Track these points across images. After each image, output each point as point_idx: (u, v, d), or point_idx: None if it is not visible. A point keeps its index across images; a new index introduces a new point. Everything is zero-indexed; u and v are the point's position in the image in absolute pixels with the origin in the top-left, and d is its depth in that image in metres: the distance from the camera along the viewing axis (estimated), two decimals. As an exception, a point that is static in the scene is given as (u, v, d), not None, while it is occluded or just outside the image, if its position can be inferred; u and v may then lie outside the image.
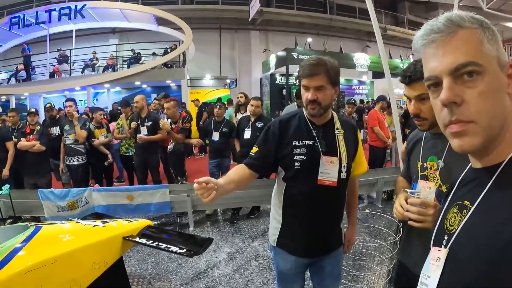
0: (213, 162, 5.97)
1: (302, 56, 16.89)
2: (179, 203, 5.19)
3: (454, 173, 1.61)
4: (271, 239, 2.25)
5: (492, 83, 0.77)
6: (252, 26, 20.70)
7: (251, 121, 5.55)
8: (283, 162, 2.10)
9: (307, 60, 2.02)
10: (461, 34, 0.79)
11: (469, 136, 0.78)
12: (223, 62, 20.81)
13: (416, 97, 1.71)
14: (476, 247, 0.76)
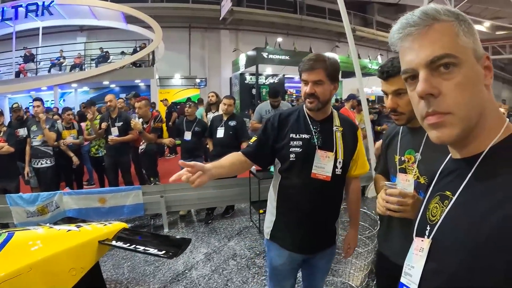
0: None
1: (272, 55, 16.93)
2: (153, 205, 5.09)
3: (432, 165, 1.65)
4: (265, 232, 2.28)
5: (469, 74, 0.79)
6: (222, 25, 20.62)
7: (223, 120, 5.52)
8: (279, 154, 2.15)
9: (307, 56, 2.09)
10: (437, 27, 0.80)
11: (446, 127, 0.80)
12: (193, 61, 20.60)
13: (393, 92, 1.76)
14: (459, 237, 0.77)
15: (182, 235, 5.00)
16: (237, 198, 5.66)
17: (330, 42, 24.22)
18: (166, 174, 7.65)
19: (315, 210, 2.11)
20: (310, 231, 2.14)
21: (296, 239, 2.14)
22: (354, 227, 2.40)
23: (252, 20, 21.00)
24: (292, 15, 22.04)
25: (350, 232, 2.39)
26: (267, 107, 5.87)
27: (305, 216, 2.11)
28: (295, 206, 2.12)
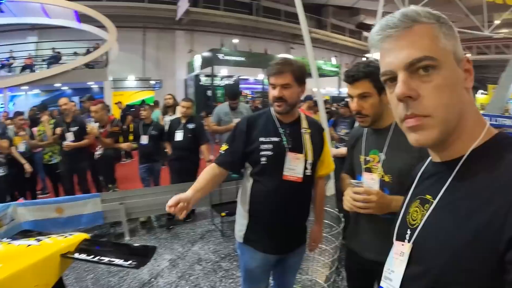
0: (143, 167, 5.80)
1: (227, 57, 16.96)
2: (112, 212, 4.88)
3: (395, 164, 1.88)
4: (237, 236, 2.27)
5: (448, 77, 0.78)
6: (177, 26, 20.38)
7: (182, 122, 5.43)
8: (250, 158, 2.18)
9: (275, 60, 2.12)
10: (417, 28, 0.80)
11: (425, 130, 0.80)
12: (147, 62, 20.17)
13: (359, 95, 1.85)
14: (442, 240, 0.77)
15: (144, 242, 4.87)
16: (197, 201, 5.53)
17: (285, 43, 24.60)
18: (124, 179, 7.48)
19: (288, 211, 2.16)
20: (284, 231, 2.19)
21: (270, 240, 2.17)
22: (318, 223, 2.48)
23: (208, 21, 20.89)
24: (248, 16, 22.18)
25: (315, 228, 2.46)
26: (226, 109, 5.81)
27: (279, 218, 2.15)
28: (268, 208, 2.14)
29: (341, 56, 28.11)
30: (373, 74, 1.81)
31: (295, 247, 2.30)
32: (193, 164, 5.56)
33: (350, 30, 29.10)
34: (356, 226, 2.06)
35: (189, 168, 5.51)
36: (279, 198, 2.13)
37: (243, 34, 22.53)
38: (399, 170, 1.86)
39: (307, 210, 2.32)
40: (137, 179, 6.17)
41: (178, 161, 5.46)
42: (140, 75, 19.10)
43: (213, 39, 20.13)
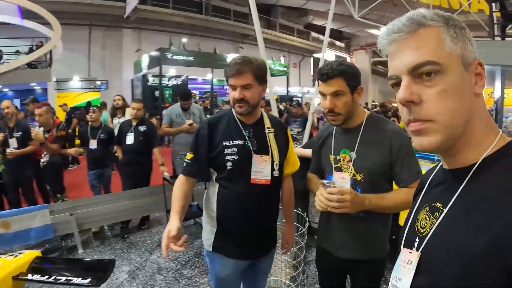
0: (92, 173, 5.53)
1: (176, 56, 16.63)
2: (63, 224, 4.57)
3: (366, 163, 1.91)
4: (206, 244, 2.20)
5: (453, 82, 0.77)
6: (125, 24, 19.65)
7: (133, 125, 5.24)
8: (214, 163, 2.11)
9: (233, 59, 2.05)
10: (422, 32, 0.79)
11: (428, 134, 0.79)
12: (93, 62, 19.27)
13: (332, 93, 1.86)
14: (451, 251, 0.75)
15: (99, 254, 4.62)
16: (152, 207, 5.41)
17: (234, 43, 24.58)
18: (72, 187, 7.08)
19: (258, 215, 2.12)
20: (255, 236, 2.15)
21: (242, 246, 2.13)
22: (289, 223, 2.47)
23: (157, 19, 20.40)
24: (198, 15, 21.83)
25: (286, 229, 2.45)
26: (177, 110, 5.68)
27: (249, 223, 2.12)
28: (237, 214, 2.10)
29: (289, 56, 28.49)
30: (346, 73, 1.84)
31: (267, 250, 2.28)
32: (145, 168, 5.40)
33: (298, 30, 29.48)
34: (328, 226, 2.08)
35: (142, 173, 5.35)
36: (248, 203, 2.08)
37: (192, 34, 22.25)
38: (370, 169, 1.90)
39: (277, 212, 2.30)
40: (86, 187, 5.90)
41: (129, 166, 5.27)
42: (85, 75, 18.20)
43: (161, 38, 19.62)
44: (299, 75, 30.99)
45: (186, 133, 5.46)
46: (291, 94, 25.23)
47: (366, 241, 2.00)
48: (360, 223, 1.97)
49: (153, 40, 19.82)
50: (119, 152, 5.43)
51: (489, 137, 0.81)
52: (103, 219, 5.01)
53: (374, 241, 2.03)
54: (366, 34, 32.52)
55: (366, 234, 1.99)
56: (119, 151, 5.44)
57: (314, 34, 31.55)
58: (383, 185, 1.95)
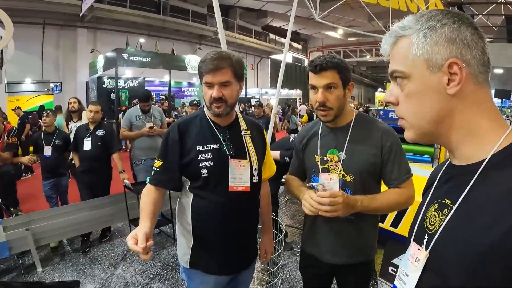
0: (48, 183, 5.14)
1: (133, 57, 16.11)
2: (18, 241, 4.14)
3: (357, 163, 1.83)
4: (182, 260, 1.99)
5: (415, 87, 0.84)
6: (80, 23, 18.90)
7: (90, 129, 4.90)
8: (188, 171, 1.91)
9: (209, 54, 1.85)
10: (398, 43, 0.88)
11: (406, 129, 0.91)
12: (46, 63, 18.36)
13: (325, 86, 1.77)
14: (460, 249, 0.75)
15: (60, 272, 4.25)
16: (113, 217, 5.10)
17: (192, 44, 24.39)
18: (27, 199, 6.59)
19: (239, 226, 1.95)
20: (237, 248, 1.98)
21: (222, 261, 1.95)
22: (268, 232, 2.31)
23: (113, 19, 19.73)
24: (155, 15, 21.39)
25: (265, 238, 2.29)
26: (137, 113, 5.41)
27: (229, 234, 1.94)
28: (216, 226, 1.90)
29: (247, 57, 28.52)
30: (339, 66, 1.77)
31: (249, 262, 2.11)
32: (104, 176, 5.08)
33: (256, 31, 29.56)
34: (314, 229, 2.00)
35: (101, 181, 5.03)
36: (227, 213, 1.90)
37: (149, 34, 21.82)
38: (361, 169, 1.82)
39: (257, 220, 2.13)
40: (41, 198, 5.48)
41: (87, 174, 4.89)
42: (38, 77, 17.26)
43: (117, 38, 19.08)
44: (256, 77, 31.10)
45: (146, 136, 5.21)
46: (249, 96, 25.22)
47: (356, 245, 1.92)
48: (350, 226, 1.89)
49: (109, 41, 19.28)
50: (76, 159, 5.06)
51: (495, 132, 0.81)
52: (61, 233, 4.62)
53: (363, 244, 1.95)
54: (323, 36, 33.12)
55: (356, 237, 1.91)
56: (75, 158, 5.07)
57: (272, 36, 31.77)
58: (373, 186, 1.89)
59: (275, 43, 32.02)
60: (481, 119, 0.82)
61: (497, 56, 9.35)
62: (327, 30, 29.77)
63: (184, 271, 2.04)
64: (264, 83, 31.23)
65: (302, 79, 35.46)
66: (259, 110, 8.65)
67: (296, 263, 4.24)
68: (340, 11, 22.39)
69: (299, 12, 13.74)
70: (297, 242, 4.84)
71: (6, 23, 12.83)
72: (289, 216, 6.16)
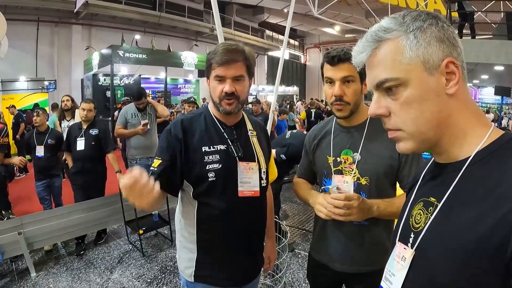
0: (41, 184, 4.96)
1: (128, 54, 15.95)
2: (10, 245, 3.97)
3: (373, 165, 1.71)
4: (185, 274, 1.82)
5: (414, 92, 0.80)
6: (74, 20, 18.62)
7: (83, 128, 4.72)
8: (192, 175, 1.71)
9: (221, 45, 1.68)
10: (381, 48, 0.82)
11: (401, 141, 0.86)
12: (40, 61, 17.99)
13: (342, 79, 1.66)
14: (446, 246, 0.75)
15: (54, 276, 4.09)
16: (109, 219, 4.94)
17: (188, 41, 24.17)
18: (20, 201, 6.43)
19: (247, 234, 1.79)
20: (245, 258, 1.83)
21: (230, 272, 1.79)
22: (271, 238, 2.16)
23: (108, 16, 19.43)
24: (151, 11, 21.08)
25: (268, 244, 2.14)
26: (133, 110, 5.27)
27: (237, 244, 1.78)
28: (223, 235, 1.75)
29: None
30: None
31: (258, 271, 1.96)
32: (99, 177, 4.90)
33: (253, 28, 29.39)
34: (323, 235, 1.88)
35: (95, 182, 4.86)
36: (236, 221, 1.74)
37: (145, 31, 21.60)
38: (378, 172, 1.70)
39: (265, 227, 1.98)
40: (34, 199, 5.32)
41: (81, 175, 4.71)
42: (33, 75, 16.80)
43: (113, 35, 18.76)
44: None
45: (141, 135, 5.09)
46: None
47: (368, 252, 1.78)
48: (362, 232, 1.76)
49: (104, 37, 18.93)
50: (69, 160, 4.89)
51: (479, 131, 0.81)
52: (55, 236, 4.45)
53: (377, 251, 1.79)
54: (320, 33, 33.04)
55: (369, 244, 1.77)
56: (68, 158, 4.91)
57: (269, 32, 31.63)
58: (389, 189, 1.76)
59: (271, 39, 31.86)
60: (470, 117, 0.82)
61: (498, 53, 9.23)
62: (324, 27, 29.65)
63: (186, 284, 1.87)
64: (261, 80, 31.08)
65: (299, 76, 35.39)
66: (257, 107, 8.51)
67: (298, 265, 4.13)
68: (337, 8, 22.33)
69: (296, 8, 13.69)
70: (298, 243, 4.72)
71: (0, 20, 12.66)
72: (289, 216, 6.04)
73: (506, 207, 0.66)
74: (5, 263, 4.35)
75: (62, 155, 5.14)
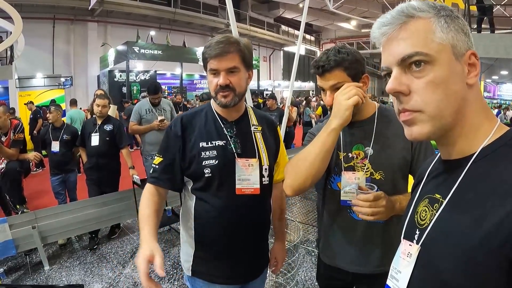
0: (56, 179, 5.01)
1: (144, 50, 16.12)
2: (25, 239, 4.01)
3: (386, 159, 1.66)
4: (184, 267, 1.82)
5: (442, 73, 0.78)
6: (90, 17, 18.82)
7: (98, 124, 4.73)
8: (189, 170, 1.71)
9: (214, 38, 1.67)
10: (411, 24, 0.80)
11: (416, 124, 0.81)
12: (57, 58, 18.25)
13: (331, 87, 1.60)
14: (451, 244, 0.74)
15: (67, 270, 4.12)
16: (122, 214, 4.95)
17: (204, 36, 24.27)
18: (36, 195, 6.51)
19: (245, 233, 1.75)
20: (243, 256, 1.78)
21: (228, 269, 1.76)
22: (280, 239, 2.10)
23: (123, 12, 19.61)
24: (166, 8, 21.20)
25: (276, 245, 2.08)
26: (147, 106, 5.23)
27: (235, 242, 1.74)
28: (220, 233, 1.72)
29: (259, 49, 28.29)
30: (345, 61, 1.57)
31: (258, 272, 1.92)
32: (113, 172, 4.91)
33: (269, 23, 29.30)
34: (333, 236, 1.81)
35: (109, 177, 4.86)
36: (233, 218, 1.71)
37: (160, 27, 21.71)
38: (392, 165, 1.64)
39: (268, 226, 1.93)
40: (49, 194, 5.37)
41: (95, 170, 4.72)
42: (49, 72, 17.14)
43: (128, 32, 18.99)
44: (269, 69, 30.90)
45: (157, 130, 5.04)
46: (262, 88, 25.04)
47: (383, 251, 1.71)
48: (376, 231, 1.70)
49: (120, 34, 19.18)
50: (83, 155, 4.92)
51: (486, 126, 0.81)
52: (69, 230, 4.48)
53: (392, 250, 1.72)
54: (336, 28, 32.77)
55: (384, 243, 1.70)
56: (83, 153, 4.93)
57: (284, 28, 31.50)
58: (402, 183, 1.70)
59: (287, 34, 31.73)
60: (480, 111, 0.81)
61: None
62: (340, 22, 29.40)
63: (187, 279, 1.87)
64: (276, 75, 31.01)
65: (315, 71, 35.22)
66: (271, 102, 8.45)
67: (312, 263, 4.07)
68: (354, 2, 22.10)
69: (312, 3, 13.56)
70: (312, 241, 4.67)
71: (15, 18, 12.74)
72: (303, 213, 5.98)
73: (509, 205, 0.65)
74: (19, 256, 4.39)
75: (78, 150, 5.16)
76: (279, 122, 7.50)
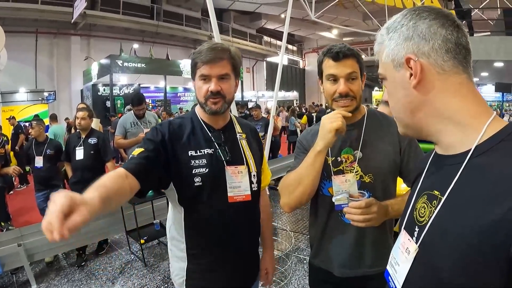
0: (41, 195, 4.87)
1: (127, 63, 16.02)
2: (10, 257, 3.87)
3: (375, 162, 1.66)
4: (176, 283, 1.77)
5: (390, 85, 0.93)
6: (73, 31, 18.68)
7: (82, 137, 4.64)
8: (178, 179, 1.64)
9: (205, 45, 1.65)
10: (381, 49, 0.93)
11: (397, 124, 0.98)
12: (40, 72, 18.03)
13: (348, 75, 1.60)
14: (451, 241, 0.74)
15: None
16: (110, 229, 4.86)
17: (186, 49, 24.22)
18: (20, 212, 6.35)
19: (239, 241, 1.72)
20: (237, 266, 1.76)
21: (222, 280, 1.72)
22: (269, 249, 2.07)
23: (106, 26, 19.53)
24: (149, 21, 21.18)
25: (266, 255, 2.04)
26: (132, 119, 5.14)
27: (229, 251, 1.71)
28: (213, 243, 1.68)
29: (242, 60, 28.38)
30: (358, 55, 1.63)
31: (253, 279, 1.90)
32: (99, 186, 4.81)
33: (251, 34, 29.47)
34: (324, 241, 1.80)
35: (95, 192, 4.76)
36: (226, 227, 1.67)
37: (143, 40, 21.65)
38: (381, 168, 1.65)
39: (259, 233, 1.91)
40: (35, 210, 5.22)
41: (81, 185, 4.58)
42: (32, 86, 16.89)
43: (111, 45, 18.89)
44: (252, 80, 30.99)
45: (142, 144, 4.98)
46: (245, 99, 25.11)
47: (376, 251, 1.70)
48: (366, 233, 1.68)
49: (103, 47, 19.08)
50: (68, 170, 4.82)
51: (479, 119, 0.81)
52: (56, 247, 4.35)
53: (385, 251, 1.70)
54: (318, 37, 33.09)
55: (376, 242, 1.70)
56: (68, 168, 4.84)
57: (267, 38, 31.70)
58: (392, 186, 1.71)
59: (270, 45, 31.94)
60: (460, 105, 0.82)
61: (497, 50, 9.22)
62: (321, 31, 29.75)
63: None
64: (260, 85, 31.11)
65: (298, 81, 35.37)
66: (257, 112, 8.47)
67: (304, 271, 4.05)
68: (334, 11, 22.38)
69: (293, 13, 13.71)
70: (303, 249, 4.65)
71: (-2, 32, 12.58)
72: (292, 221, 5.96)
73: (509, 203, 0.65)
74: (6, 275, 4.28)
75: (62, 165, 5.06)
76: (265, 131, 7.49)
